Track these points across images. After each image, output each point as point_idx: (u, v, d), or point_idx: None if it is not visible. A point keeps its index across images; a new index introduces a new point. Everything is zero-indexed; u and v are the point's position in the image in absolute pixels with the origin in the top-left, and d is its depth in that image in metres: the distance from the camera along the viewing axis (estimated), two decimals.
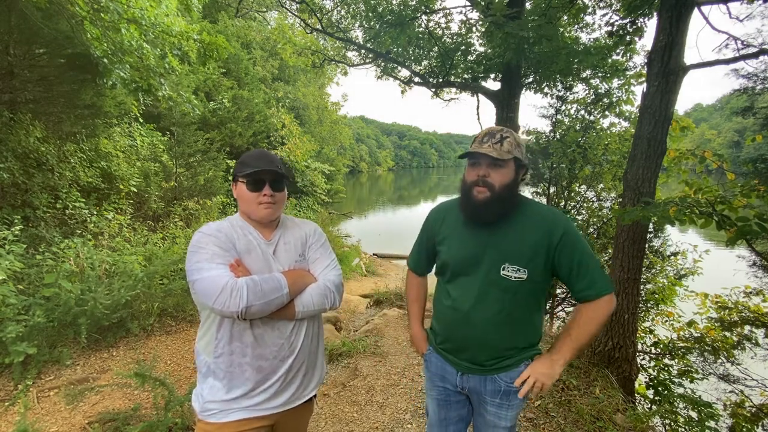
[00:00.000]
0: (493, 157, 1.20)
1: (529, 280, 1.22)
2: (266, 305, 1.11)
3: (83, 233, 4.71)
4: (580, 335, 1.23)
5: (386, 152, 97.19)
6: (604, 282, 1.22)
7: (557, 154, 5.31)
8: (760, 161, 3.00)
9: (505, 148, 1.22)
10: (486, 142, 1.24)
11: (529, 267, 1.22)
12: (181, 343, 3.79)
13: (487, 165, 1.23)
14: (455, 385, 1.38)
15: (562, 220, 1.24)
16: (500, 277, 1.23)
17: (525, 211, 1.28)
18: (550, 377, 1.23)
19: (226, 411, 1.16)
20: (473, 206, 1.25)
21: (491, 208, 1.23)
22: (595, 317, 1.22)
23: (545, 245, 1.21)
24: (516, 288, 1.23)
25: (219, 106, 10.61)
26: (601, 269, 1.25)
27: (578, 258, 1.22)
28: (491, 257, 1.25)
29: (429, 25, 6.42)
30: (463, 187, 1.30)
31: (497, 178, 1.23)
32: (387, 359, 3.52)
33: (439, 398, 1.45)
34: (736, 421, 3.33)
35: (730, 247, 2.57)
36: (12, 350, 2.87)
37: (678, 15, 3.02)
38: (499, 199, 1.22)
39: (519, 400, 1.31)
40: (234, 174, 1.27)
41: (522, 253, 1.22)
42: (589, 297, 1.22)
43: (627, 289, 3.33)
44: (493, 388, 1.31)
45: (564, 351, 1.23)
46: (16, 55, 4.30)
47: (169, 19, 4.56)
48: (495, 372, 1.30)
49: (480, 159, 1.24)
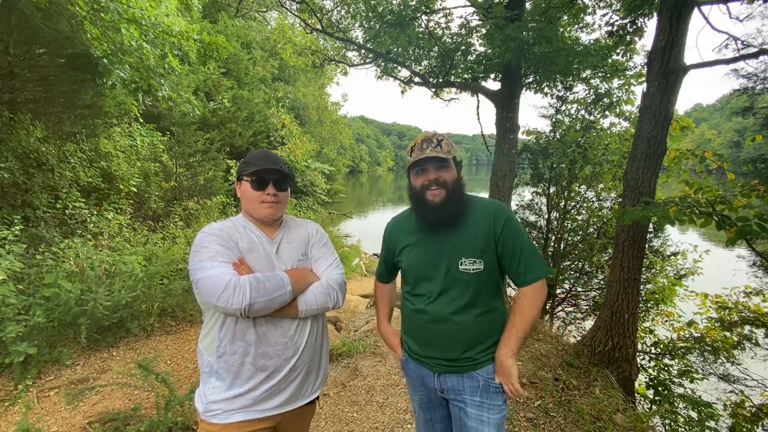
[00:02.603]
0: (441, 157, 1.27)
1: (486, 270, 1.28)
2: (269, 303, 1.11)
3: (83, 233, 4.71)
4: (524, 323, 1.27)
5: (386, 152, 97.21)
6: (541, 266, 1.29)
7: (557, 154, 5.31)
8: (760, 161, 3.01)
9: (444, 149, 1.29)
10: (426, 148, 1.29)
11: (484, 257, 1.27)
12: (182, 343, 3.79)
13: (435, 168, 1.30)
14: (434, 388, 1.40)
15: (504, 209, 1.32)
16: (460, 272, 1.28)
17: (471, 205, 1.35)
18: (509, 376, 1.26)
19: (229, 411, 1.16)
20: (430, 209, 1.29)
21: (449, 206, 1.28)
22: (535, 303, 1.28)
23: (492, 233, 1.28)
24: (475, 279, 1.28)
25: (219, 106, 10.60)
26: (539, 254, 1.32)
27: (519, 244, 1.29)
28: (449, 255, 1.30)
29: (429, 25, 6.42)
30: (413, 194, 1.35)
31: (447, 176, 1.30)
32: (387, 359, 3.52)
33: (421, 401, 1.48)
34: (736, 421, 3.34)
35: (730, 247, 2.58)
36: (12, 350, 2.86)
37: (678, 15, 3.02)
38: (454, 194, 1.29)
39: (500, 401, 1.31)
40: (238, 173, 1.28)
41: (475, 245, 1.28)
42: (527, 281, 1.28)
43: (627, 289, 3.33)
44: (471, 384, 1.32)
45: (511, 343, 1.27)
46: (16, 55, 4.30)
47: (169, 19, 4.56)
48: (471, 369, 1.31)
49: (426, 164, 1.30)
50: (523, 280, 1.29)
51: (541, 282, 1.28)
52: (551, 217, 5.59)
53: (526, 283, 1.28)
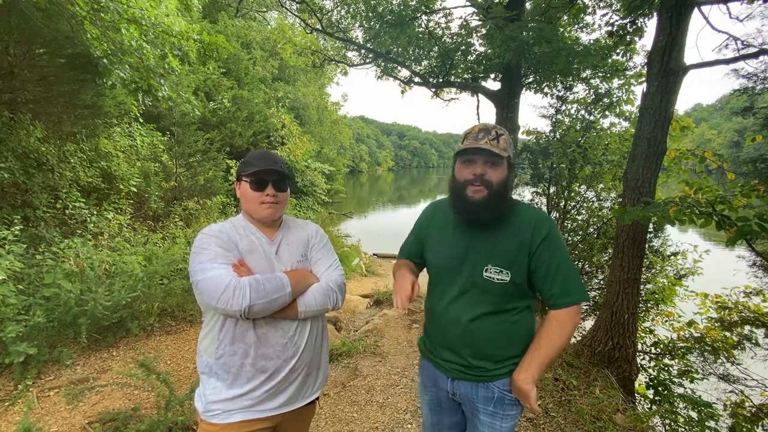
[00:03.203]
0: (494, 152, 1.13)
1: (512, 282, 1.17)
2: (269, 304, 1.11)
3: (83, 233, 4.71)
4: (549, 350, 1.17)
5: (386, 152, 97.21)
6: (577, 292, 1.17)
7: (557, 154, 5.30)
8: (760, 161, 3.01)
9: (501, 146, 1.16)
10: (482, 138, 1.16)
11: (512, 269, 1.17)
12: (181, 343, 3.79)
13: (484, 162, 1.16)
14: (447, 390, 1.34)
15: (547, 222, 1.20)
16: (482, 278, 1.19)
17: (514, 211, 1.24)
18: (527, 399, 1.17)
19: (229, 412, 1.16)
20: (469, 206, 1.18)
21: (490, 207, 1.17)
22: (566, 328, 1.16)
23: (528, 245, 1.17)
24: (498, 290, 1.18)
25: (219, 106, 10.60)
26: (579, 276, 1.21)
27: (557, 262, 1.17)
28: (474, 258, 1.21)
29: (429, 25, 6.43)
30: (455, 186, 1.22)
31: (494, 175, 1.16)
32: (387, 359, 3.52)
33: (431, 402, 1.42)
34: (736, 421, 3.34)
35: (730, 247, 2.57)
36: (12, 350, 2.86)
37: (678, 15, 3.02)
38: (497, 197, 1.16)
39: (514, 411, 1.26)
40: (237, 173, 1.28)
41: (506, 254, 1.18)
42: (560, 305, 1.17)
43: (627, 289, 3.33)
44: (486, 395, 1.26)
45: (532, 369, 1.16)
46: (16, 55, 4.30)
47: (169, 19, 4.56)
48: (487, 380, 1.25)
49: (476, 156, 1.17)
50: (555, 302, 1.17)
51: (576, 307, 1.17)
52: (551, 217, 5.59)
53: (559, 306, 1.17)
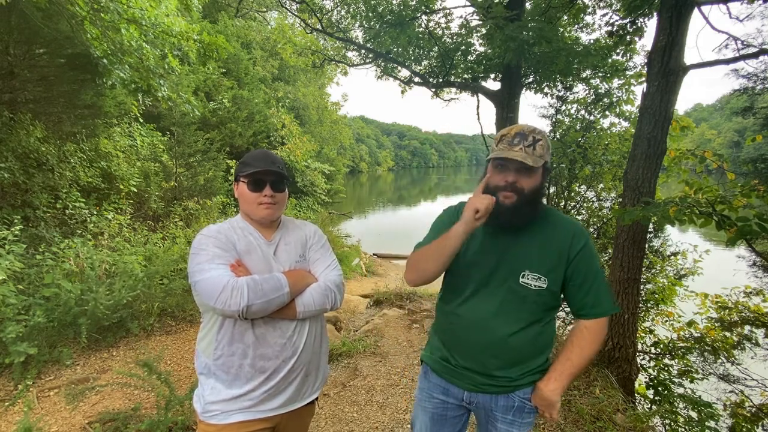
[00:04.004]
0: (527, 164, 1.10)
1: (548, 290, 1.17)
2: (267, 304, 1.11)
3: (83, 233, 4.71)
4: (581, 360, 1.19)
5: (386, 152, 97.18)
6: (610, 302, 1.19)
7: (557, 154, 5.30)
8: (760, 161, 3.01)
9: (537, 153, 1.12)
10: (517, 144, 1.12)
11: (550, 276, 1.16)
12: (181, 343, 3.79)
13: (517, 170, 1.13)
14: (460, 399, 1.29)
15: (585, 233, 1.21)
16: (519, 284, 1.17)
17: (548, 218, 1.22)
18: (551, 409, 1.20)
19: (228, 412, 1.16)
20: (499, 212, 1.15)
21: (520, 213, 1.15)
22: (598, 339, 1.18)
23: (566, 253, 1.17)
24: (533, 297, 1.17)
25: (219, 106, 10.61)
26: (609, 288, 1.22)
27: (593, 272, 1.19)
28: (510, 264, 1.19)
29: (429, 25, 6.42)
30: (486, 191, 1.18)
31: (527, 183, 1.14)
32: (387, 359, 3.52)
33: (435, 411, 1.35)
34: (736, 421, 3.33)
35: (730, 247, 2.57)
36: (12, 350, 2.86)
37: (678, 15, 3.02)
38: (528, 204, 1.15)
39: (531, 419, 1.26)
40: (236, 174, 1.27)
41: (544, 261, 1.17)
42: (592, 314, 1.18)
43: (627, 289, 3.33)
44: (506, 404, 1.24)
45: (563, 380, 1.18)
46: (16, 55, 4.30)
47: (169, 19, 4.56)
48: (509, 391, 1.23)
49: (509, 163, 1.13)
50: (588, 312, 1.18)
51: (606, 319, 1.19)
52: None
53: (591, 315, 1.18)
